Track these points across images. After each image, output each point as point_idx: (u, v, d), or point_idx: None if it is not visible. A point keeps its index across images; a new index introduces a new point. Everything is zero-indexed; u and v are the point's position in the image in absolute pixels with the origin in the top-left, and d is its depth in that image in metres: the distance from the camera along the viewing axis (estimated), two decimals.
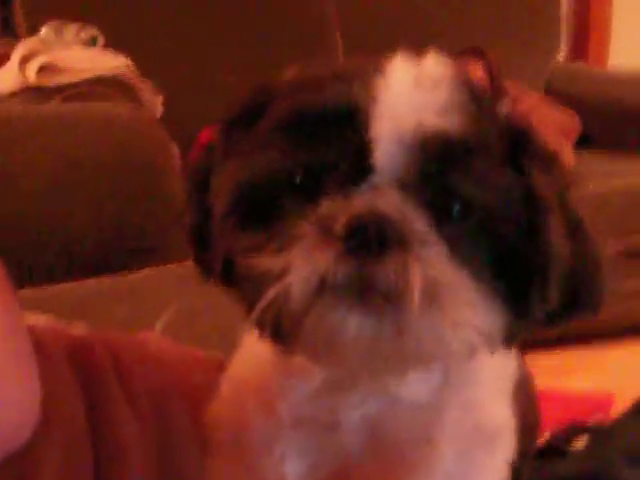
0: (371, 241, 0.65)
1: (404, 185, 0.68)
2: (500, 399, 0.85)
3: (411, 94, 0.70)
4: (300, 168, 0.71)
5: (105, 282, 1.76)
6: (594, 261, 0.75)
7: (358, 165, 0.69)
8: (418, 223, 0.67)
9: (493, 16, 3.97)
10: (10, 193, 1.87)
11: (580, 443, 1.17)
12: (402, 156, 0.68)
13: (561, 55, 4.40)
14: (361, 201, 0.67)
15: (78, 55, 2.68)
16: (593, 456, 1.08)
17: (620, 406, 1.31)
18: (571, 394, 2.51)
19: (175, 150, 2.11)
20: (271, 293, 0.66)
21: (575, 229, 0.74)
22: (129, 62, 2.68)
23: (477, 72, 3.41)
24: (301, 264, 0.66)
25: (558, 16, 4.22)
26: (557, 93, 3.81)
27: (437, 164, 0.68)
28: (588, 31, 4.65)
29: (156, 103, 2.68)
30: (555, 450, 1.19)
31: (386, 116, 0.68)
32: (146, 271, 1.80)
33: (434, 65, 0.72)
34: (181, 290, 1.65)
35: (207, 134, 2.52)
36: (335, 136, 0.69)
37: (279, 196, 0.72)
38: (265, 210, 0.72)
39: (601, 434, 1.14)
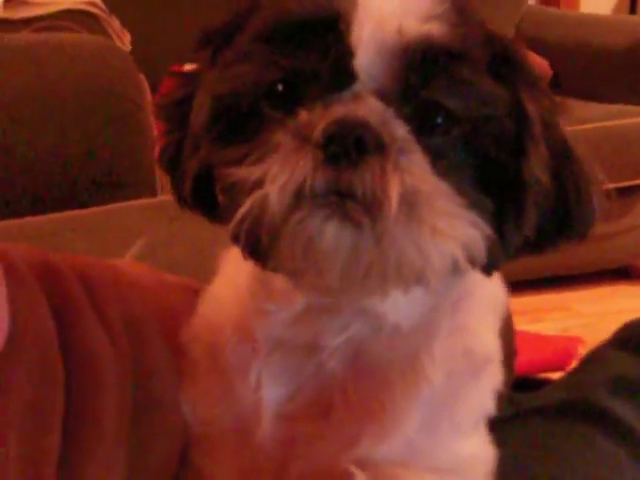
0: (349, 147, 0.64)
1: (386, 95, 0.67)
2: (490, 328, 0.85)
3: (393, 0, 0.68)
4: (280, 77, 0.69)
5: (68, 216, 1.71)
6: (581, 186, 0.74)
7: (339, 72, 0.67)
8: (398, 130, 0.66)
9: None
10: None
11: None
12: (384, 63, 0.67)
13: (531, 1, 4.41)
14: (340, 108, 0.66)
15: None
16: (573, 385, 1.08)
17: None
18: (540, 337, 2.52)
19: (145, 84, 2.06)
20: (248, 203, 0.66)
21: (561, 153, 0.74)
22: None
23: None
24: (278, 173, 0.65)
25: None
26: (526, 38, 3.76)
27: (420, 73, 0.67)
28: None
29: (124, 40, 2.64)
30: (532, 381, 1.19)
31: (367, 21, 0.67)
32: (113, 206, 1.76)
33: None
34: (150, 224, 1.62)
35: (179, 68, 2.48)
36: (316, 43, 0.68)
37: (260, 108, 0.70)
38: (246, 123, 0.71)
39: (581, 364, 1.13)
